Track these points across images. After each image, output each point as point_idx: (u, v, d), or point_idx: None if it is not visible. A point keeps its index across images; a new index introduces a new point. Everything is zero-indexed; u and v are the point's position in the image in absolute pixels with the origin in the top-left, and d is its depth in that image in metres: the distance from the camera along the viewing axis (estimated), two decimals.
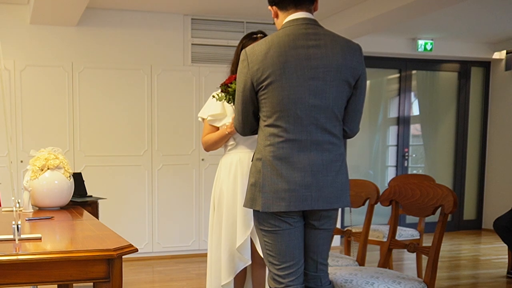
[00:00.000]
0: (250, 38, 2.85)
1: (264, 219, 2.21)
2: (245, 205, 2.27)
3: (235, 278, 2.89)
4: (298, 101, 2.11)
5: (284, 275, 2.22)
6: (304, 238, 2.26)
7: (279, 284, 2.23)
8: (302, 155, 2.13)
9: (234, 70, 2.87)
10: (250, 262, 2.82)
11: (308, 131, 2.13)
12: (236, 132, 2.71)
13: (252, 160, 2.26)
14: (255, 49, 2.16)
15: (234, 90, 2.71)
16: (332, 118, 2.15)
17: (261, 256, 2.77)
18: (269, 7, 2.27)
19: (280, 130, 2.14)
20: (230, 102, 2.77)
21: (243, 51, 2.21)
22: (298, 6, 2.17)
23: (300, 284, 2.25)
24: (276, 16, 2.25)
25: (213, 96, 2.88)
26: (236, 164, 2.82)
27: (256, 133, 2.29)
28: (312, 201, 2.15)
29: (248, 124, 2.28)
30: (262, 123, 2.21)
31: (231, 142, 2.87)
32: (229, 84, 2.76)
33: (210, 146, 2.91)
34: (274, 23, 2.32)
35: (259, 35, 2.85)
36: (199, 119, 2.99)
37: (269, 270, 2.28)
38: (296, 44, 2.11)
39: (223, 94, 2.80)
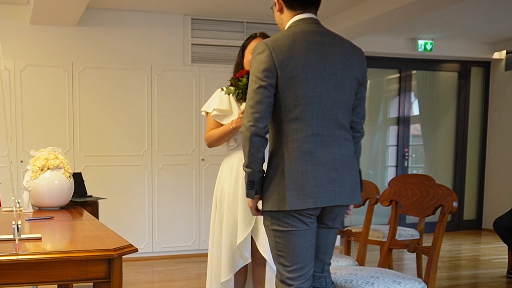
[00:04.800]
0: (251, 38, 2.90)
1: (279, 218, 2.15)
2: (271, 208, 2.15)
3: (236, 277, 2.89)
4: (322, 95, 2.11)
5: (294, 277, 2.19)
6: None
7: (288, 286, 2.20)
8: (325, 150, 2.13)
9: (236, 71, 2.88)
10: (250, 260, 2.82)
11: (328, 126, 2.13)
12: (242, 128, 2.68)
13: (267, 161, 2.20)
14: (277, 42, 2.11)
15: (245, 85, 2.69)
16: (347, 113, 2.18)
17: (262, 256, 2.77)
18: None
19: (304, 124, 2.11)
20: (239, 96, 2.76)
21: (261, 42, 2.14)
22: (305, 9, 2.19)
23: (309, 287, 2.23)
24: (281, 11, 2.24)
25: (222, 89, 2.86)
26: (238, 164, 2.82)
27: (266, 133, 2.16)
28: (336, 196, 2.14)
29: (266, 115, 2.11)
30: (283, 118, 2.12)
31: (232, 143, 2.86)
32: (240, 78, 2.73)
33: (213, 142, 2.88)
34: (274, 22, 2.31)
35: (258, 34, 2.88)
36: (203, 113, 2.94)
37: (278, 272, 2.23)
38: (315, 40, 2.13)
39: (232, 88, 2.77)
